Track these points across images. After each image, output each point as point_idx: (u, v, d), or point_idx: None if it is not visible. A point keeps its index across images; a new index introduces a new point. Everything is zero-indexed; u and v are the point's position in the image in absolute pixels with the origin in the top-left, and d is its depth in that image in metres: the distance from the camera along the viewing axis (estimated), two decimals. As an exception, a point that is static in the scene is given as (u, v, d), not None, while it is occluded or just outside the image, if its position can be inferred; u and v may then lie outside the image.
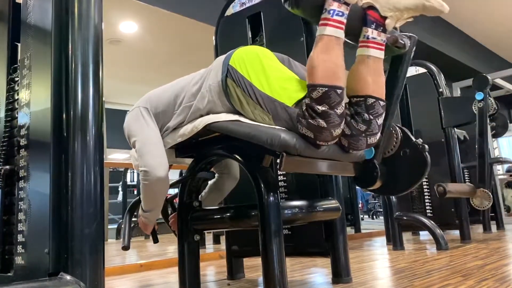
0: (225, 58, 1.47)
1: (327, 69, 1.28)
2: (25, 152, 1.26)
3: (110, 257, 3.50)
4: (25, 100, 1.29)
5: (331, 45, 1.29)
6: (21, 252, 1.22)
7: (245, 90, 1.38)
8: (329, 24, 1.29)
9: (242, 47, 1.51)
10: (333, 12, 1.29)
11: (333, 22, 1.29)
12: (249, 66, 1.41)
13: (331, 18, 1.29)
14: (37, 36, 1.28)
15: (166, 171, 1.50)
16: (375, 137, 1.39)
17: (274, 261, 1.38)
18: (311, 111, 1.27)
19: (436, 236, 3.04)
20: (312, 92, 1.27)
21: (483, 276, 1.87)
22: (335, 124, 1.27)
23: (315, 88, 1.27)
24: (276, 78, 1.39)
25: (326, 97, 1.25)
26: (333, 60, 1.30)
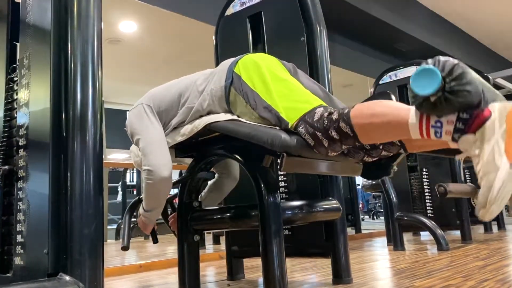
0: (231, 64, 1.47)
1: (373, 131, 1.15)
2: (24, 152, 1.26)
3: (110, 258, 3.49)
4: (24, 100, 1.29)
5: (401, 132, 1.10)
6: (20, 252, 1.21)
7: (246, 99, 1.38)
8: (421, 127, 1.05)
9: (249, 54, 1.50)
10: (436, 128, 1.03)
11: (425, 130, 1.05)
12: (254, 75, 1.39)
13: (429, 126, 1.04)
14: (36, 35, 1.28)
15: (170, 171, 1.50)
16: (372, 158, 1.42)
17: (274, 262, 1.38)
18: (323, 127, 1.20)
19: (437, 236, 3.04)
20: (342, 121, 1.16)
21: (484, 277, 1.87)
22: (335, 150, 1.25)
23: (347, 124, 1.16)
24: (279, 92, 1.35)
25: (346, 136, 1.18)
26: (386, 135, 1.17)
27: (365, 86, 6.16)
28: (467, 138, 0.99)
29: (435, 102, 0.98)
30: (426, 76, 0.99)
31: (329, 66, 1.99)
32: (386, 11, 5.44)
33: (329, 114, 1.22)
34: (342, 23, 5.19)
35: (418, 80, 1.00)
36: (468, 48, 7.18)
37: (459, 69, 0.97)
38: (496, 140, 0.95)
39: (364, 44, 5.94)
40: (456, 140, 1.01)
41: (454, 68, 0.97)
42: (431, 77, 0.98)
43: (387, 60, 6.07)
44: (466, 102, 0.97)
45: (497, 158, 0.94)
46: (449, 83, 0.97)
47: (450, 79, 0.97)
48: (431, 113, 1.02)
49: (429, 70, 0.99)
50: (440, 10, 6.38)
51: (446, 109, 0.99)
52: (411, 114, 1.06)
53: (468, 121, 0.99)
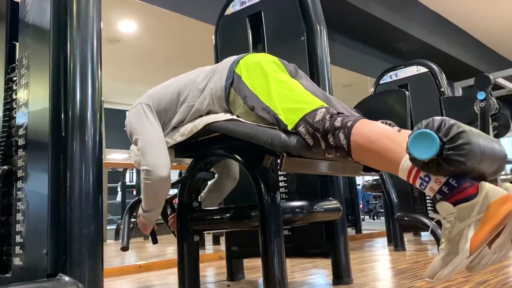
0: (232, 63, 1.46)
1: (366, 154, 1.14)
2: (23, 152, 1.26)
3: (109, 258, 3.49)
4: (23, 99, 1.29)
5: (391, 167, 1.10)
6: (19, 253, 1.21)
7: (245, 101, 1.37)
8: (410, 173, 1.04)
9: (251, 54, 1.50)
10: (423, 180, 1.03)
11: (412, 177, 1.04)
12: (254, 76, 1.39)
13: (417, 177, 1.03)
14: (36, 35, 1.28)
15: (168, 171, 1.50)
16: None
17: (274, 262, 1.38)
18: (323, 130, 1.20)
19: (437, 236, 3.03)
20: (342, 132, 1.16)
21: (484, 277, 1.87)
22: (331, 154, 1.25)
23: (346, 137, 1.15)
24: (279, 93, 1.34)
25: (341, 147, 1.18)
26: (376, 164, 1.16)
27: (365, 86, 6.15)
28: (445, 206, 0.99)
29: (428, 163, 0.98)
30: (426, 140, 0.98)
31: (329, 65, 1.99)
32: (386, 10, 5.44)
33: (331, 116, 1.21)
34: (343, 22, 5.19)
35: (417, 142, 0.99)
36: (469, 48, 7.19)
37: (461, 138, 0.96)
38: (468, 225, 0.95)
39: (365, 44, 5.94)
40: (436, 200, 1.01)
41: (456, 136, 0.96)
42: (430, 143, 0.97)
43: (387, 60, 6.07)
44: (457, 172, 0.97)
45: (462, 243, 0.95)
46: (447, 150, 0.96)
47: (449, 146, 0.96)
48: (422, 170, 1.02)
49: (429, 135, 0.98)
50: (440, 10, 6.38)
51: (437, 172, 0.99)
52: (405, 158, 1.05)
53: (454, 190, 0.98)
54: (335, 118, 1.20)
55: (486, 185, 0.97)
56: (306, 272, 2.33)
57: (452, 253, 0.96)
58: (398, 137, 1.11)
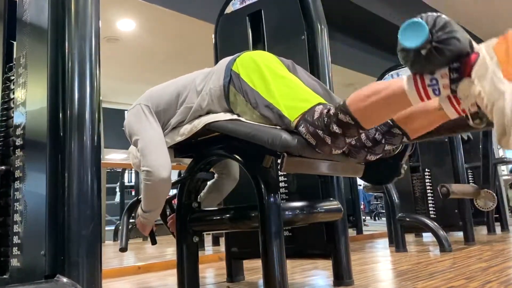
0: (228, 62, 1.46)
1: (371, 112, 1.16)
2: (21, 152, 1.26)
3: (108, 259, 3.49)
4: (21, 99, 1.29)
5: (397, 100, 1.12)
6: (17, 254, 1.21)
7: (246, 97, 1.37)
8: (417, 87, 1.06)
9: (247, 52, 1.50)
10: (434, 84, 1.05)
11: (422, 89, 1.06)
12: (253, 73, 1.39)
13: (425, 85, 1.05)
14: (33, 34, 1.28)
15: (169, 172, 1.50)
16: (375, 156, 1.39)
17: (274, 263, 1.38)
18: (323, 124, 1.20)
19: (439, 237, 3.04)
20: (341, 113, 1.18)
21: (487, 279, 1.87)
22: (338, 147, 1.24)
23: (346, 113, 1.17)
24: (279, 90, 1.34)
25: (347, 126, 1.18)
26: (384, 112, 1.17)
27: (366, 85, 6.15)
28: (464, 84, 1.01)
29: (427, 54, 1.01)
30: (413, 29, 1.02)
31: (330, 65, 1.99)
32: (387, 9, 5.44)
33: (328, 110, 1.22)
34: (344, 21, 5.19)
35: (406, 34, 1.03)
36: (471, 47, 7.19)
37: (442, 19, 1.01)
38: (492, 71, 0.98)
39: (366, 43, 5.94)
40: (455, 91, 1.03)
41: (437, 19, 1.01)
42: (418, 30, 1.01)
43: (389, 59, 6.06)
44: (456, 49, 1.00)
45: (499, 84, 0.97)
46: (436, 33, 1.00)
47: (436, 29, 1.00)
48: (424, 70, 1.05)
49: (415, 23, 1.02)
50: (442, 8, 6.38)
51: (438, 61, 1.01)
52: (405, 82, 1.08)
53: (460, 68, 1.01)
54: (330, 110, 1.22)
55: (481, 44, 1.02)
56: (307, 273, 2.33)
57: (499, 98, 0.96)
58: (390, 80, 1.15)
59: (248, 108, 1.38)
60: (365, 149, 1.35)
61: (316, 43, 1.96)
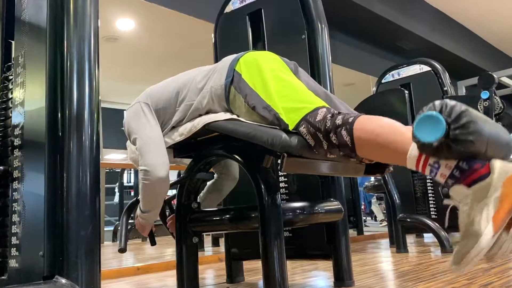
0: (232, 62, 1.46)
1: (371, 148, 1.14)
2: (19, 153, 1.26)
3: (107, 260, 3.49)
4: (19, 99, 1.29)
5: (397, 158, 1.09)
6: (15, 255, 1.21)
7: (246, 100, 1.37)
8: (418, 162, 1.04)
9: (251, 52, 1.50)
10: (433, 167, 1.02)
11: (421, 166, 1.04)
12: (255, 74, 1.39)
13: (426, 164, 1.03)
14: (32, 33, 1.28)
15: (167, 171, 1.50)
16: (370, 161, 1.42)
17: (274, 264, 1.38)
18: (324, 129, 1.20)
19: (440, 238, 3.04)
20: (345, 130, 1.16)
21: (489, 280, 1.87)
22: (333, 154, 1.25)
23: (348, 134, 1.15)
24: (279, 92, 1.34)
25: (344, 145, 1.17)
26: (382, 157, 1.17)
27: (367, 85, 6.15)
28: (459, 189, 0.98)
29: (437, 147, 0.97)
30: (431, 122, 0.97)
31: (331, 64, 1.99)
32: (388, 8, 5.44)
33: (332, 116, 1.21)
34: (344, 20, 5.19)
35: (422, 126, 0.99)
36: (473, 46, 7.19)
37: (465, 117, 0.95)
38: (487, 205, 0.93)
39: (366, 42, 5.94)
40: (448, 186, 1.00)
41: (461, 116, 0.95)
42: (436, 124, 0.96)
43: (389, 59, 6.07)
44: (467, 152, 0.96)
45: (483, 224, 0.92)
46: (453, 130, 0.95)
47: (455, 126, 0.95)
48: (431, 156, 1.02)
49: (434, 117, 0.97)
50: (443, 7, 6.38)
51: (446, 155, 0.98)
52: (412, 147, 1.05)
53: (465, 172, 0.97)
54: (336, 117, 1.20)
55: (497, 162, 0.95)
56: (307, 274, 2.33)
57: (474, 235, 0.93)
58: (402, 128, 1.11)
59: (247, 109, 1.38)
60: None
61: (316, 43, 1.96)
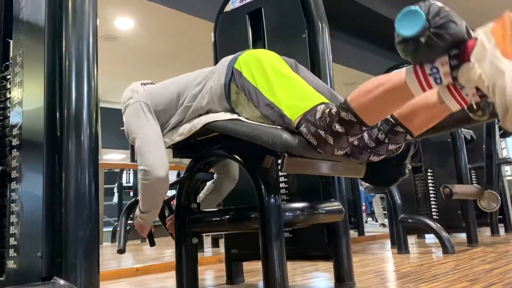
0: (231, 61, 1.47)
1: (374, 108, 1.16)
2: (17, 153, 1.26)
3: (105, 261, 3.49)
4: (17, 98, 1.29)
5: (399, 94, 1.12)
6: (13, 255, 1.21)
7: (248, 96, 1.37)
8: (419, 78, 1.07)
9: (249, 51, 1.50)
10: (435, 73, 1.06)
11: (424, 80, 1.07)
12: (255, 71, 1.39)
13: (426, 75, 1.07)
14: (30, 32, 1.28)
15: (166, 171, 1.51)
16: (378, 157, 1.38)
17: (274, 265, 1.38)
18: (325, 124, 1.20)
19: (442, 239, 3.04)
20: (343, 110, 1.18)
21: (491, 281, 1.87)
22: (341, 147, 1.24)
23: (348, 111, 1.17)
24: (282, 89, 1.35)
25: (350, 124, 1.18)
26: (387, 106, 1.17)
27: (368, 85, 6.15)
28: (464, 68, 1.02)
29: (426, 42, 1.02)
30: (409, 18, 1.04)
31: (331, 64, 1.98)
32: (389, 7, 5.44)
33: (330, 110, 1.22)
34: (345, 19, 5.19)
35: (403, 24, 1.05)
36: (474, 46, 7.18)
37: (436, 6, 1.04)
38: (491, 52, 0.99)
39: (367, 41, 5.94)
40: (456, 78, 1.04)
41: (431, 6, 1.03)
42: (414, 18, 1.03)
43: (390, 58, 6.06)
44: (454, 32, 1.02)
45: (499, 64, 0.98)
46: (432, 19, 1.02)
47: (432, 15, 1.02)
48: (424, 59, 1.06)
49: (410, 12, 1.04)
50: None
51: (438, 47, 1.02)
52: (405, 73, 1.10)
53: (459, 54, 1.03)
54: (332, 109, 1.22)
55: (478, 29, 1.04)
56: (308, 275, 2.33)
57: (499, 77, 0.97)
58: (389, 74, 1.16)
59: (249, 107, 1.38)
60: (368, 150, 1.34)
61: (317, 42, 1.96)
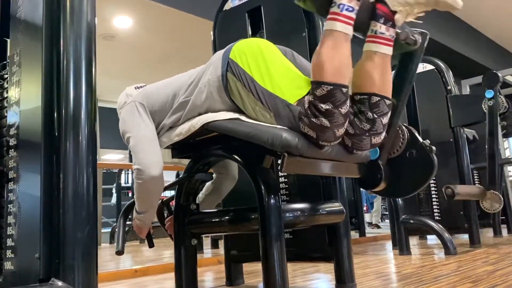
0: (225, 52, 1.47)
1: (333, 66, 1.28)
2: (14, 153, 1.26)
3: (104, 262, 3.50)
4: (14, 98, 1.29)
5: (340, 41, 1.30)
6: (11, 257, 1.21)
7: (246, 85, 1.38)
8: (339, 20, 1.29)
9: (243, 40, 1.51)
10: (343, 6, 1.28)
11: (343, 18, 1.29)
12: (251, 60, 1.40)
13: (341, 13, 1.29)
14: (27, 31, 1.28)
15: (160, 170, 1.51)
16: (379, 137, 1.39)
17: (275, 267, 1.38)
18: (314, 110, 1.27)
19: (444, 240, 3.04)
20: (316, 90, 1.27)
21: (493, 282, 1.87)
22: (339, 123, 1.27)
23: (320, 86, 1.27)
24: (278, 73, 1.38)
25: (331, 95, 1.25)
26: (340, 57, 1.30)
27: (369, 84, 6.15)
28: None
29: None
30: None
31: (332, 63, 1.98)
32: (391, 5, 5.43)
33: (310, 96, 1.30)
34: (346, 18, 5.18)
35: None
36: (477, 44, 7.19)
37: None
38: None
39: (369, 40, 5.93)
40: None
41: None
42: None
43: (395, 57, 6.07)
44: None
45: None
46: None
47: None
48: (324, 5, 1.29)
49: None
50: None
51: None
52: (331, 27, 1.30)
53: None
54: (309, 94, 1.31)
55: None
56: (308, 277, 2.33)
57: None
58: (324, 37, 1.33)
59: (247, 96, 1.38)
60: (366, 133, 1.36)
61: (317, 40, 1.95)
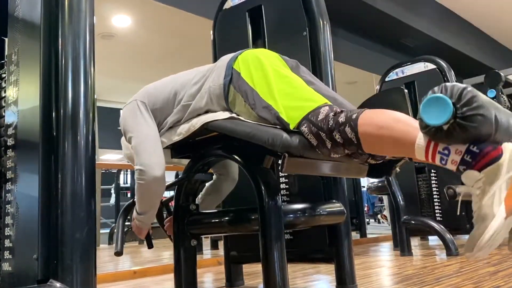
0: (230, 60, 1.47)
1: (377, 142, 1.15)
2: (12, 153, 1.26)
3: (102, 263, 3.50)
4: (12, 97, 1.29)
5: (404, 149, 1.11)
6: (9, 258, 1.21)
7: (246, 99, 1.37)
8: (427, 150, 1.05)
9: (250, 50, 1.50)
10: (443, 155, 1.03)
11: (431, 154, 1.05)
12: (254, 72, 1.39)
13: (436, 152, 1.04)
14: (26, 30, 1.28)
15: (162, 171, 1.51)
16: (376, 161, 1.42)
17: (275, 268, 1.38)
18: (327, 127, 1.20)
19: (445, 241, 3.04)
20: (348, 126, 1.16)
21: (495, 284, 1.87)
22: (337, 153, 1.25)
23: (353, 130, 1.16)
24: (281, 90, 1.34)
25: (349, 142, 1.18)
26: (389, 149, 1.18)
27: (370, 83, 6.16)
28: (471, 174, 0.99)
29: (449, 130, 0.98)
30: (436, 105, 0.99)
31: (333, 62, 1.98)
32: (392, 4, 5.44)
33: (335, 114, 1.21)
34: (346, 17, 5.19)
35: (429, 110, 1.00)
36: (479, 43, 7.19)
37: (468, 93, 0.97)
38: (499, 186, 0.95)
39: (370, 39, 5.94)
40: (460, 172, 1.01)
41: (463, 93, 0.97)
42: (442, 106, 0.98)
43: (393, 56, 6.07)
44: (480, 128, 0.96)
45: (496, 205, 0.94)
46: (460, 109, 0.96)
47: (461, 104, 0.96)
48: (443, 141, 1.02)
49: (438, 99, 0.98)
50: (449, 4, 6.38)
51: (459, 137, 0.98)
52: (420, 135, 1.05)
53: (477, 156, 0.98)
54: (339, 115, 1.21)
55: (510, 145, 0.97)
56: (309, 278, 2.33)
57: (487, 218, 0.95)
58: (408, 119, 1.11)
59: (246, 109, 1.38)
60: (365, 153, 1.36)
61: (318, 40, 1.96)
